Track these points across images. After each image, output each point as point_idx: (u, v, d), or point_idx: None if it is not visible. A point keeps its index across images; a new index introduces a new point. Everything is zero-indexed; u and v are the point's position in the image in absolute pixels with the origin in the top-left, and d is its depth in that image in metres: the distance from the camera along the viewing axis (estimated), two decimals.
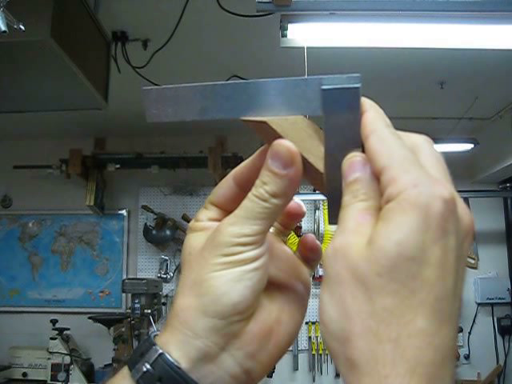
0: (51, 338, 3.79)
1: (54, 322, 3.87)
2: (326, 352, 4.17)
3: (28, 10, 1.60)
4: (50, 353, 3.74)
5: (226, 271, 0.36)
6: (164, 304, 4.14)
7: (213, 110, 0.39)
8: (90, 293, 4.34)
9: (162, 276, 4.26)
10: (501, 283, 4.31)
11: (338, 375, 4.20)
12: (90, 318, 3.80)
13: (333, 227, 0.36)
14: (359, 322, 0.30)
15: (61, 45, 1.74)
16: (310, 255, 0.44)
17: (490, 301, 4.29)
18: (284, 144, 0.37)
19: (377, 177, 0.34)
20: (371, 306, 0.30)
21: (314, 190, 3.60)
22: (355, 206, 0.34)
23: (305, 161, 0.38)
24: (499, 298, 4.28)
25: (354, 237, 0.32)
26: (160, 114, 0.39)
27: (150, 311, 3.57)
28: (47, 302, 4.32)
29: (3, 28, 1.28)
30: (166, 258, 4.31)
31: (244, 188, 0.40)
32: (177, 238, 4.29)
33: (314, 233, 4.30)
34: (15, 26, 1.33)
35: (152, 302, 3.69)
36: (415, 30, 1.84)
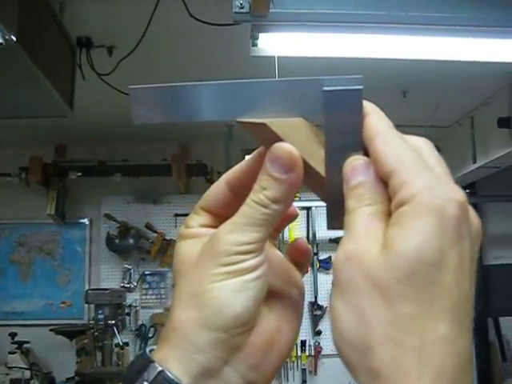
0: (10, 353, 3.67)
1: (12, 335, 3.75)
2: (293, 359, 4.18)
3: None
4: (9, 368, 3.61)
5: (226, 281, 0.35)
6: (128, 314, 4.07)
7: (206, 112, 0.37)
8: (50, 304, 4.22)
9: (126, 285, 4.20)
10: None
11: (304, 382, 4.21)
12: (51, 330, 3.70)
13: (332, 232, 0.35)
14: (380, 331, 0.30)
15: (26, 51, 1.69)
16: (301, 259, 0.43)
17: None
18: (285, 147, 0.35)
19: (383, 180, 0.33)
20: (391, 313, 0.29)
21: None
22: (362, 211, 0.33)
23: (305, 164, 0.36)
24: None
25: (366, 242, 0.31)
26: (148, 114, 0.37)
27: (114, 322, 3.51)
28: (6, 314, 4.16)
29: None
30: (130, 267, 4.25)
31: (238, 193, 0.39)
32: (140, 246, 4.23)
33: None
34: (7, 37, 1.27)
35: (116, 312, 3.63)
36: (380, 41, 1.89)
